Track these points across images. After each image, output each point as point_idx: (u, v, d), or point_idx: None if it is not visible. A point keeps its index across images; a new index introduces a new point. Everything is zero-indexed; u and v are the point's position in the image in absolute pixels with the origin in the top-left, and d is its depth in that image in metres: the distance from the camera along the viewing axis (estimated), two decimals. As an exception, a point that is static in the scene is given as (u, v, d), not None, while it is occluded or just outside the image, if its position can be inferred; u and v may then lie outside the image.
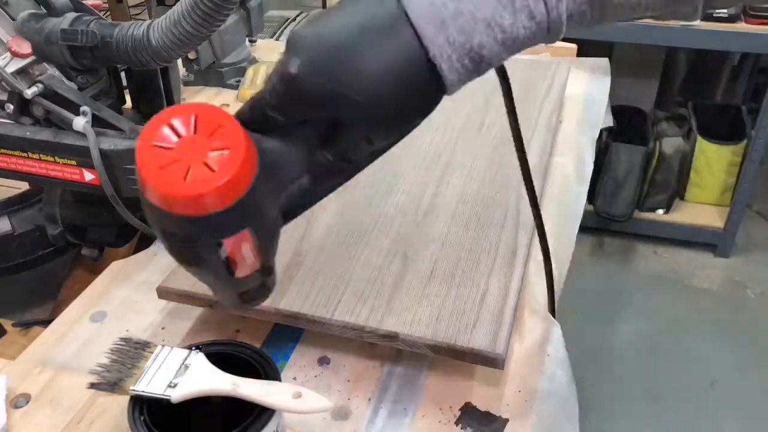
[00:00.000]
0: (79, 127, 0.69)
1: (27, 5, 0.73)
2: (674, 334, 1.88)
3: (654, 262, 2.25)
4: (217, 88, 1.21)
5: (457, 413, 0.59)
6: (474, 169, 0.84)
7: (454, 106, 0.99)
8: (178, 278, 0.67)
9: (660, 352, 1.83)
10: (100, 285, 0.76)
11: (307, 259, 0.69)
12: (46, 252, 0.85)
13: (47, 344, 0.69)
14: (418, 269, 0.68)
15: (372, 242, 0.72)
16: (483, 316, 0.62)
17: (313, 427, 0.59)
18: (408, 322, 0.61)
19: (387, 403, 0.61)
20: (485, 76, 0.39)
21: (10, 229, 0.82)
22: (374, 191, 0.80)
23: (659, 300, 2.05)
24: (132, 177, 0.71)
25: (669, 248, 2.29)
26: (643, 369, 1.84)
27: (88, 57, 0.70)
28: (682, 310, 1.94)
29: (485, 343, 0.59)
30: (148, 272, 0.77)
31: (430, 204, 0.78)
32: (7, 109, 0.71)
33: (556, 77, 1.06)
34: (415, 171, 0.84)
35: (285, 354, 0.66)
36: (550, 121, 0.94)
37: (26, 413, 0.61)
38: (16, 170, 0.74)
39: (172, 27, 0.66)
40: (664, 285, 2.13)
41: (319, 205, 0.76)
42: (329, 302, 0.64)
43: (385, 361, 0.65)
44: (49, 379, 0.65)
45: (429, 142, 0.90)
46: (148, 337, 0.68)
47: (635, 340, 1.95)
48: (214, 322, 0.70)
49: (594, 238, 2.32)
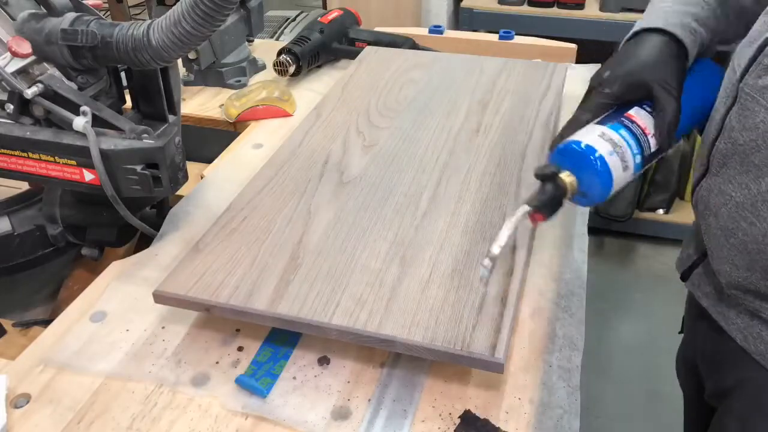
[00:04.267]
0: (79, 127, 0.69)
1: (27, 5, 0.73)
2: (674, 334, 1.87)
3: (654, 262, 2.25)
4: (217, 88, 1.21)
5: (457, 421, 0.59)
6: (472, 171, 0.84)
7: (451, 108, 0.99)
8: (175, 283, 0.67)
9: (660, 352, 1.83)
10: (100, 285, 0.76)
11: (304, 262, 0.69)
12: (46, 252, 0.85)
13: (47, 344, 0.69)
14: (417, 272, 0.68)
15: (370, 245, 0.72)
16: (482, 320, 0.62)
17: (313, 427, 0.59)
18: (406, 326, 0.61)
19: (387, 404, 0.61)
20: (485, 76, 0.40)
21: (10, 229, 0.82)
22: (372, 193, 0.80)
23: (659, 300, 2.05)
24: (132, 177, 0.71)
25: (669, 248, 2.29)
26: (643, 369, 1.84)
27: (88, 57, 0.70)
28: (682, 310, 1.94)
29: (484, 347, 0.59)
30: (148, 272, 0.77)
31: (428, 206, 0.78)
32: (7, 109, 0.71)
33: (555, 78, 1.06)
34: (413, 173, 0.84)
35: (285, 354, 0.66)
36: (548, 121, 0.95)
37: (26, 413, 0.62)
38: (16, 170, 0.74)
39: (172, 27, 0.66)
40: (664, 285, 2.13)
41: (317, 208, 0.77)
42: (327, 306, 0.64)
43: (385, 362, 0.65)
44: (49, 379, 0.65)
45: (427, 144, 0.90)
46: (148, 337, 0.69)
47: (635, 340, 1.95)
48: (214, 322, 0.70)
49: (594, 238, 2.32)
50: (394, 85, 1.07)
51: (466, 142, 0.91)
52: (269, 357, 0.66)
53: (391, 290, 0.65)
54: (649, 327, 1.99)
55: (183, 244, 0.81)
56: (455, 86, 1.05)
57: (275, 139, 1.03)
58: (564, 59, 1.24)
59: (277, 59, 1.18)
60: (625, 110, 0.63)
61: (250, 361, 0.66)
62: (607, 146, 0.60)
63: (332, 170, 0.85)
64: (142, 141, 0.71)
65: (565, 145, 0.61)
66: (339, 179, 0.83)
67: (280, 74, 1.19)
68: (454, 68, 1.11)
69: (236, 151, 1.01)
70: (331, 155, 0.88)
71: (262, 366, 0.65)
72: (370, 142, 0.91)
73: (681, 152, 2.22)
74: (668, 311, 1.97)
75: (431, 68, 1.12)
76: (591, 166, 0.59)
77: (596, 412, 1.72)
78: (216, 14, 0.64)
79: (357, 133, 0.94)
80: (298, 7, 2.31)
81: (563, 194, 0.61)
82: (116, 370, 0.65)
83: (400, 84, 1.07)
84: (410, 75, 1.10)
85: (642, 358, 1.88)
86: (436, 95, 1.03)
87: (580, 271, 0.76)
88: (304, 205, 0.78)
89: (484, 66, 1.11)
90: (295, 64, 1.18)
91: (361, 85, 1.07)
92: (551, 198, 0.60)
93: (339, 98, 1.03)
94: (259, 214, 0.77)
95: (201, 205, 0.88)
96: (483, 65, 1.12)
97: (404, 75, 1.10)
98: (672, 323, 0.95)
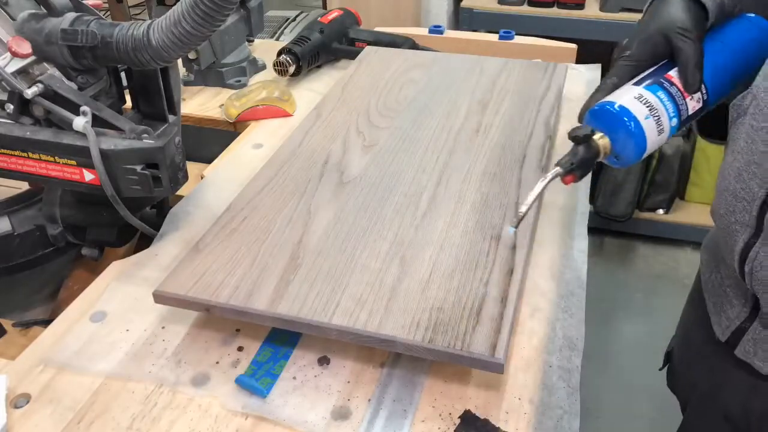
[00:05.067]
0: (79, 127, 0.69)
1: (27, 5, 0.73)
2: (674, 333, 1.87)
3: (654, 262, 2.25)
4: (217, 88, 1.21)
5: (457, 421, 0.59)
6: (472, 171, 0.84)
7: (451, 108, 0.99)
8: (175, 283, 0.67)
9: (660, 352, 1.83)
10: (100, 285, 0.76)
11: (304, 262, 0.69)
12: (46, 252, 0.85)
13: (47, 344, 0.69)
14: (417, 272, 0.68)
15: (370, 245, 0.72)
16: (482, 320, 0.62)
17: (313, 427, 0.59)
18: (406, 326, 0.61)
19: (387, 404, 0.61)
20: (485, 76, 0.40)
21: (10, 229, 0.82)
22: (372, 193, 0.80)
23: (659, 300, 2.05)
24: (132, 177, 0.71)
25: (669, 248, 2.29)
26: (642, 369, 1.84)
27: (88, 57, 0.70)
28: (681, 310, 1.94)
29: (484, 347, 0.59)
30: (148, 272, 0.77)
31: (428, 206, 0.78)
32: (7, 109, 0.71)
33: (555, 78, 1.06)
34: (413, 173, 0.84)
35: (285, 354, 0.66)
36: (548, 121, 0.95)
37: (26, 413, 0.62)
38: (16, 170, 0.74)
39: (172, 27, 0.66)
40: (664, 285, 2.13)
41: (317, 208, 0.77)
42: (327, 306, 0.64)
43: (385, 362, 0.65)
44: (49, 379, 0.65)
45: (427, 144, 0.90)
46: (148, 337, 0.69)
47: (635, 340, 1.95)
48: (214, 322, 0.70)
49: (594, 238, 2.33)
50: (394, 85, 1.07)
51: (466, 142, 0.91)
52: (269, 357, 0.66)
53: (391, 290, 0.65)
54: (648, 327, 1.99)
55: (183, 244, 0.81)
56: (455, 86, 1.05)
57: (275, 139, 1.03)
58: (564, 59, 1.24)
59: (277, 59, 1.18)
60: (664, 71, 0.63)
61: (250, 361, 0.66)
62: (643, 109, 0.60)
63: (332, 170, 0.85)
64: (142, 141, 0.71)
65: (600, 106, 0.61)
66: (339, 179, 0.83)
67: (280, 74, 1.19)
68: (454, 68, 1.11)
69: (236, 151, 1.01)
70: (331, 155, 0.88)
71: (262, 366, 0.65)
72: (370, 142, 0.91)
73: (681, 152, 2.22)
74: (668, 311, 1.98)
75: (431, 68, 1.12)
76: (625, 128, 0.60)
77: (596, 412, 1.73)
78: (216, 14, 0.64)
79: (357, 133, 0.94)
80: (298, 7, 2.31)
81: (596, 156, 0.61)
82: (116, 370, 0.65)
83: (400, 84, 1.07)
84: (410, 75, 1.10)
85: (642, 358, 1.88)
86: (436, 95, 1.03)
87: (580, 271, 0.76)
88: (304, 205, 0.78)
89: (484, 66, 1.11)
90: (295, 64, 1.18)
91: (361, 85, 1.07)
92: (583, 160, 0.61)
93: (339, 98, 1.03)
94: (259, 214, 0.77)
95: (201, 205, 0.88)
96: (483, 65, 1.12)
97: (404, 75, 1.10)
98: (672, 323, 0.95)
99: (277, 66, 1.18)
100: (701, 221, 2.21)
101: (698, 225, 2.21)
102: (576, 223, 0.83)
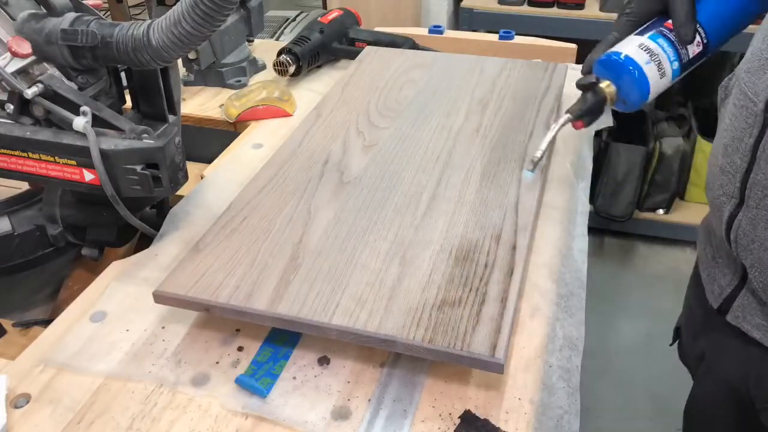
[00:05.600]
0: (79, 127, 0.69)
1: (27, 5, 0.73)
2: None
3: (654, 262, 2.25)
4: (217, 88, 1.21)
5: (457, 421, 0.59)
6: (472, 171, 0.84)
7: (451, 108, 0.99)
8: (175, 283, 0.67)
9: (660, 352, 1.83)
10: (100, 285, 0.76)
11: (304, 262, 0.69)
12: (46, 252, 0.85)
13: (47, 344, 0.69)
14: (417, 272, 0.68)
15: (370, 245, 0.72)
16: (482, 320, 0.62)
17: (313, 427, 0.59)
18: (407, 326, 0.61)
19: (387, 404, 0.61)
20: (485, 76, 0.40)
21: (10, 229, 0.82)
22: (372, 194, 0.80)
23: (659, 300, 2.05)
24: (132, 177, 0.71)
25: (669, 248, 2.29)
26: (643, 369, 1.84)
27: (88, 57, 0.70)
28: (680, 309, 1.94)
29: (484, 347, 0.59)
30: (148, 272, 0.77)
31: (428, 206, 0.78)
32: (7, 109, 0.71)
33: (555, 78, 1.06)
34: (413, 173, 0.84)
35: (285, 354, 0.66)
36: (548, 121, 0.94)
37: (26, 413, 0.62)
38: (16, 170, 0.74)
39: (172, 27, 0.66)
40: (664, 285, 2.13)
41: (317, 208, 0.77)
42: (327, 306, 0.64)
43: (385, 362, 0.65)
44: (49, 379, 0.65)
45: (427, 144, 0.90)
46: (148, 337, 0.69)
47: (635, 340, 1.95)
48: (214, 322, 0.70)
49: (594, 238, 2.33)
50: (394, 85, 1.07)
51: (466, 142, 0.91)
52: (269, 357, 0.66)
53: (391, 290, 0.65)
54: (648, 327, 1.99)
55: (183, 244, 0.81)
56: (455, 86, 1.05)
57: (275, 139, 1.03)
58: (564, 59, 1.24)
59: (277, 59, 1.18)
60: (664, 20, 0.67)
61: (250, 361, 0.66)
62: (644, 56, 0.65)
63: (332, 170, 0.85)
64: (142, 141, 0.71)
65: (606, 56, 0.66)
66: (339, 179, 0.83)
67: (280, 74, 1.19)
68: (454, 68, 1.11)
69: (236, 151, 1.01)
70: (331, 155, 0.88)
71: (262, 366, 0.65)
72: (370, 142, 0.91)
73: (681, 152, 2.22)
74: (668, 311, 1.98)
75: (431, 68, 1.12)
76: (629, 75, 0.65)
77: (596, 412, 1.73)
78: (216, 14, 0.64)
79: (357, 133, 0.94)
80: (298, 7, 2.31)
81: (603, 102, 0.67)
82: (116, 370, 0.65)
83: (400, 84, 1.07)
84: (410, 75, 1.10)
85: (642, 358, 1.88)
86: (436, 95, 1.03)
87: (580, 271, 0.76)
88: (304, 205, 0.78)
89: (484, 66, 1.11)
90: (295, 64, 1.18)
91: (361, 85, 1.07)
92: (591, 106, 0.67)
93: (339, 98, 1.03)
94: (259, 214, 0.77)
95: (201, 205, 0.88)
96: (483, 65, 1.12)
97: (404, 75, 1.10)
98: (672, 323, 0.95)
99: (277, 66, 1.18)
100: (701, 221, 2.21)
101: (698, 225, 2.21)
102: (576, 223, 0.83)
